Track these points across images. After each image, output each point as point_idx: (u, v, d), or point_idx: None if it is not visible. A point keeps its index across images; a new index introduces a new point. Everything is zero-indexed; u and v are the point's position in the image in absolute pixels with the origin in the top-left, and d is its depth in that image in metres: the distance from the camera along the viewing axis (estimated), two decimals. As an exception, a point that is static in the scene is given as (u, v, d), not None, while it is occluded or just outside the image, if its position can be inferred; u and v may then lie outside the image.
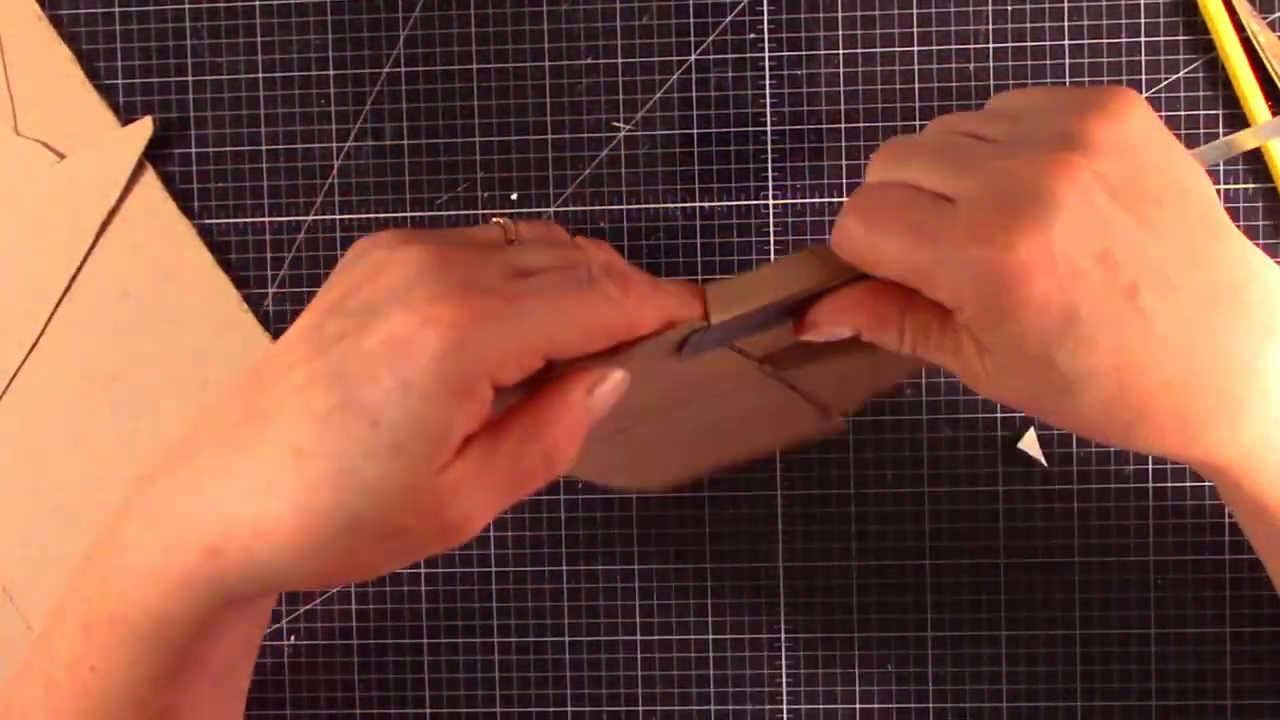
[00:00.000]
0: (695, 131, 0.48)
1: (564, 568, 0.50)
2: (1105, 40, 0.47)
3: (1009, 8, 0.47)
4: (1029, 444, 0.48)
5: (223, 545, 0.32)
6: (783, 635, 0.49)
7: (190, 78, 0.49)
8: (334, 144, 0.49)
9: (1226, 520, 0.47)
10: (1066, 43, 0.47)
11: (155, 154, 0.50)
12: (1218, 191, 0.47)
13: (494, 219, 0.38)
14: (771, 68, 0.48)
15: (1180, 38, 0.47)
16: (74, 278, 0.49)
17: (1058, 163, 0.31)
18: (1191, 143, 0.47)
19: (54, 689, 0.37)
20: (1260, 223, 0.47)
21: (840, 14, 0.47)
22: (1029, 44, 0.46)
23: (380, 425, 0.31)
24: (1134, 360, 0.32)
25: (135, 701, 0.36)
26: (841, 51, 0.48)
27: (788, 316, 0.36)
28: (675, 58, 0.48)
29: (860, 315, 0.35)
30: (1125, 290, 0.31)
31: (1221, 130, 0.47)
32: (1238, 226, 0.47)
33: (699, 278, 0.48)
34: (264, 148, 0.49)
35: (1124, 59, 0.47)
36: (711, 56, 0.48)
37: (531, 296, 0.32)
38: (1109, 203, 0.31)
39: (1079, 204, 0.31)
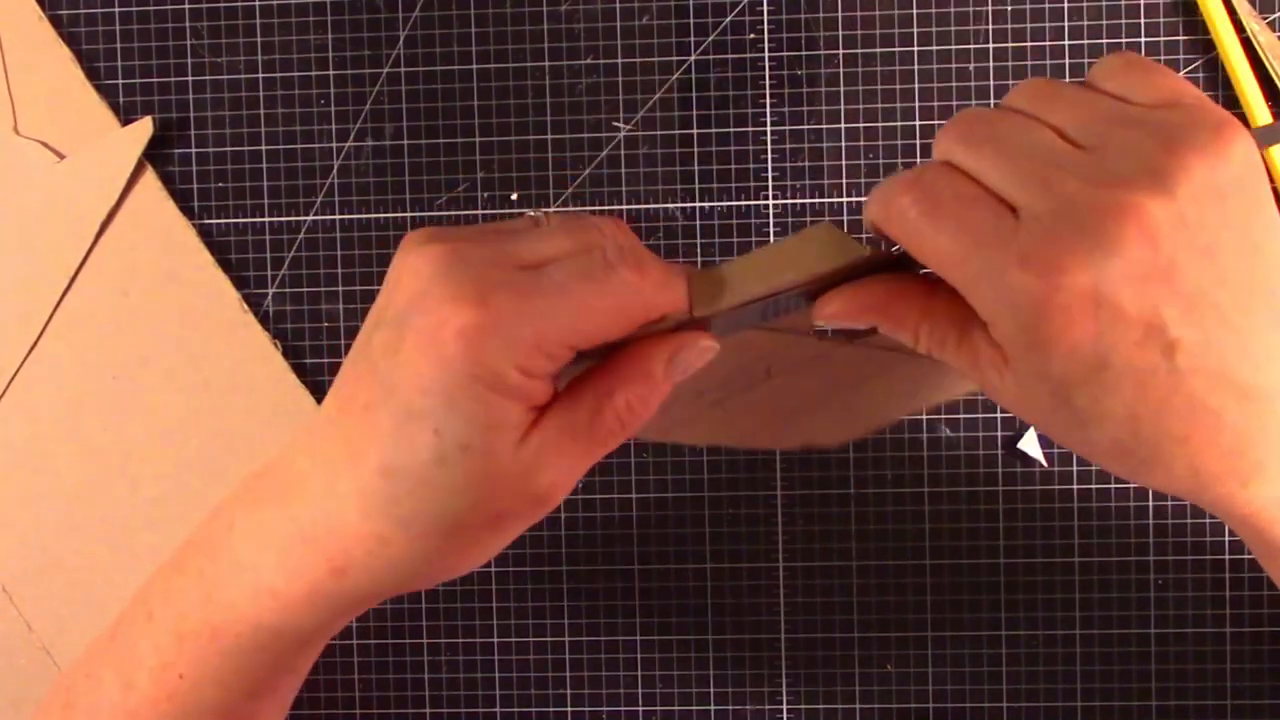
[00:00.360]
0: (695, 131, 0.48)
1: (564, 568, 0.50)
2: (1105, 40, 0.47)
3: (1009, 8, 0.47)
4: (1029, 444, 0.48)
5: (346, 565, 0.34)
6: (782, 635, 0.49)
7: (190, 78, 0.49)
8: (334, 144, 0.49)
9: (1226, 520, 0.47)
10: (1066, 43, 0.47)
11: (155, 154, 0.50)
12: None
13: (528, 214, 0.37)
14: (771, 68, 0.48)
15: (1180, 38, 0.47)
16: (74, 278, 0.49)
17: (1134, 206, 0.29)
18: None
19: (132, 691, 0.38)
20: (1260, 223, 0.47)
21: (840, 14, 0.47)
22: (1029, 44, 0.46)
23: (443, 434, 0.31)
24: (1153, 413, 0.31)
25: (222, 712, 0.38)
26: (841, 51, 0.48)
27: (805, 299, 0.35)
28: (675, 58, 0.48)
29: (875, 314, 0.34)
30: (1165, 346, 0.30)
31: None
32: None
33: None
34: (264, 148, 0.49)
35: (1124, 59, 0.47)
36: (711, 56, 0.48)
37: (547, 289, 0.32)
38: (1176, 254, 0.30)
39: (1142, 253, 0.30)
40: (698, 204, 0.48)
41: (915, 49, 0.47)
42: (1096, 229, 0.29)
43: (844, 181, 0.48)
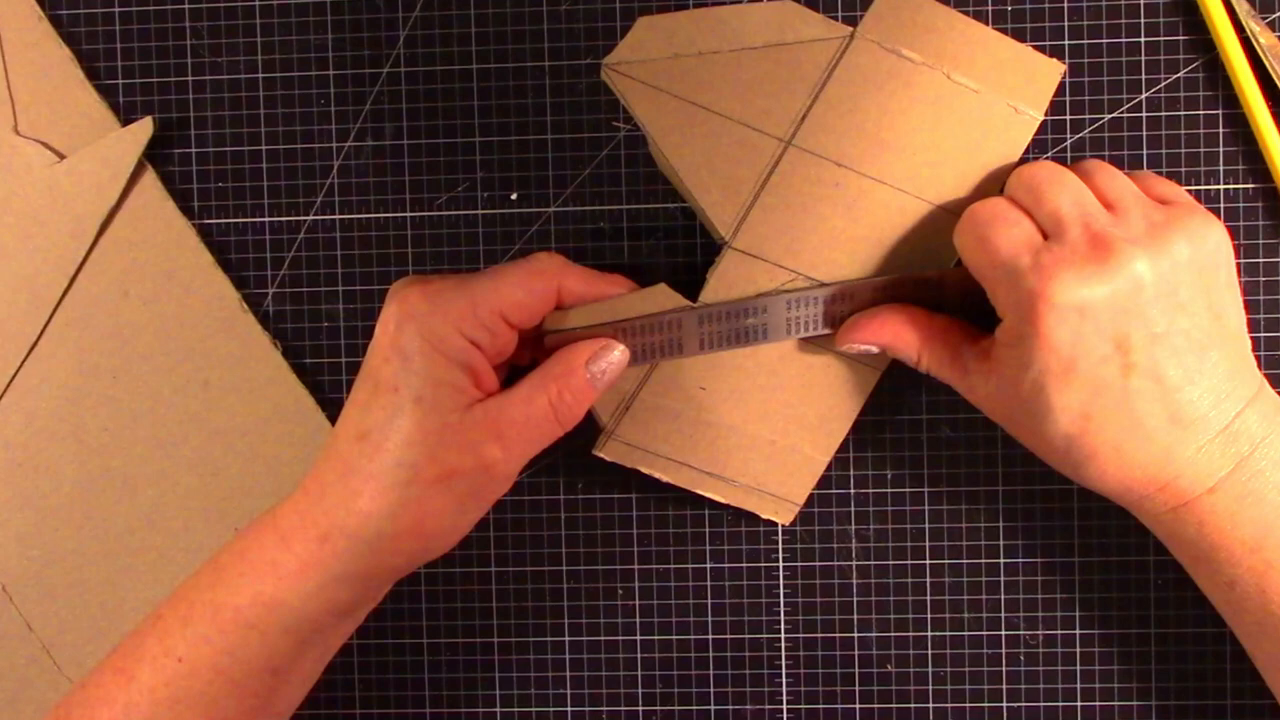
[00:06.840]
0: (695, 131, 0.48)
1: (564, 568, 0.50)
2: (1105, 40, 0.47)
3: (1009, 8, 0.47)
4: (1029, 444, 0.48)
5: (328, 529, 0.39)
6: (783, 635, 0.49)
7: (190, 78, 0.50)
8: (334, 144, 0.49)
9: (1226, 520, 0.47)
10: (1066, 43, 0.47)
11: (155, 154, 0.50)
12: (1218, 192, 0.47)
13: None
14: (771, 68, 0.48)
15: (1180, 38, 0.47)
16: (74, 278, 0.50)
17: (1132, 256, 0.38)
18: (1192, 143, 0.47)
19: (132, 683, 0.41)
20: (1260, 223, 0.47)
21: (840, 14, 0.47)
22: (1029, 44, 0.46)
23: (400, 389, 0.39)
24: (1100, 417, 0.39)
25: (212, 697, 0.40)
26: (841, 51, 0.48)
27: (827, 326, 0.45)
28: (675, 58, 0.48)
29: (888, 339, 0.43)
30: (1124, 366, 0.38)
31: (1221, 130, 0.47)
32: (1237, 226, 0.47)
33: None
34: (264, 148, 0.49)
35: (1124, 59, 0.47)
36: (711, 56, 0.48)
37: (478, 275, 0.41)
38: (1154, 300, 0.38)
39: (1128, 290, 0.38)
40: (698, 204, 0.48)
41: (915, 49, 0.47)
42: (1099, 262, 0.38)
43: (844, 181, 0.48)
